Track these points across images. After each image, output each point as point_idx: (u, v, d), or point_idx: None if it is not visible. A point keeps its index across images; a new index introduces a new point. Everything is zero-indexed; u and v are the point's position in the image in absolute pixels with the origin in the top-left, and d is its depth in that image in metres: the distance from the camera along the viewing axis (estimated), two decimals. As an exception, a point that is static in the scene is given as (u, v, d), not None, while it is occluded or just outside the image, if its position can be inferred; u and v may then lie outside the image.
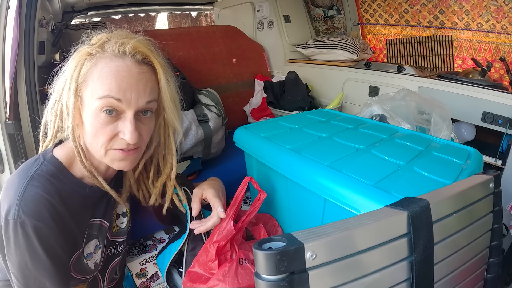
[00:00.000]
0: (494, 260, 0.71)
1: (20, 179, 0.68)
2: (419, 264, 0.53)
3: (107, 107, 0.69)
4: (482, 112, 1.53)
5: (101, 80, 0.69)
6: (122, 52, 0.71)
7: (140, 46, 0.73)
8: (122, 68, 0.70)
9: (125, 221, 0.96)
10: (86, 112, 0.71)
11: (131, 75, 0.70)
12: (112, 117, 0.71)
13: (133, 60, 0.72)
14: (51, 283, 0.67)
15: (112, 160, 0.75)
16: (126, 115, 0.71)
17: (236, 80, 2.39)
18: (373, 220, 0.50)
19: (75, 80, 0.70)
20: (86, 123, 0.72)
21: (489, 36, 2.05)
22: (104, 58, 0.70)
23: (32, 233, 0.64)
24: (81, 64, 0.70)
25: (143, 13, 2.81)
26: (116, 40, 0.72)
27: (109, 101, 0.69)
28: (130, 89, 0.70)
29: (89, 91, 0.70)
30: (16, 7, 1.21)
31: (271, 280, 0.42)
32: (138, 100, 0.71)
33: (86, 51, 0.71)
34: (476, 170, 0.89)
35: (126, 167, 0.77)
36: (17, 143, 1.20)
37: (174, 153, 0.88)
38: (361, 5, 2.63)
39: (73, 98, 0.70)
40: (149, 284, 1.22)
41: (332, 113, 1.38)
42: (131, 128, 0.71)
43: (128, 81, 0.70)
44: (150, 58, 0.75)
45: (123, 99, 0.69)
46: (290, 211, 1.02)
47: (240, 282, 0.80)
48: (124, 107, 0.71)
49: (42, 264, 0.66)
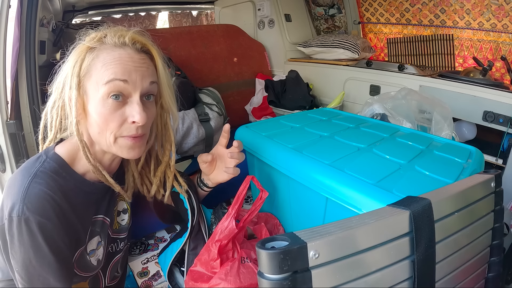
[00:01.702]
0: (495, 259, 0.71)
1: (23, 177, 0.69)
2: (420, 263, 0.53)
3: (114, 92, 0.72)
4: (483, 111, 1.53)
5: (106, 66, 0.72)
6: (123, 42, 0.76)
7: (138, 36, 0.79)
8: (124, 55, 0.74)
9: (125, 218, 0.96)
10: (92, 103, 0.74)
11: (133, 60, 0.75)
12: (119, 102, 0.74)
13: (133, 49, 0.77)
14: (55, 279, 0.68)
15: (121, 148, 0.77)
16: (132, 98, 0.75)
17: (237, 79, 2.39)
18: (375, 219, 0.50)
19: (77, 74, 0.73)
20: (93, 114, 0.74)
21: (490, 35, 2.05)
22: (105, 49, 0.74)
23: (36, 230, 0.65)
24: (82, 59, 0.73)
25: (143, 12, 2.81)
26: (115, 33, 0.76)
27: (116, 84, 0.72)
28: (135, 71, 0.75)
29: (94, 81, 0.73)
30: (17, 7, 1.21)
31: (275, 279, 0.42)
32: (143, 81, 0.76)
33: (85, 46, 0.74)
34: (477, 169, 0.89)
35: (135, 155, 0.80)
36: (18, 142, 1.20)
37: (173, 139, 0.92)
38: (362, 4, 2.63)
39: (75, 92, 0.73)
40: (150, 283, 1.22)
41: (333, 112, 1.39)
42: (139, 109, 0.74)
43: (132, 65, 0.75)
44: (148, 47, 0.80)
45: (129, 80, 0.73)
46: (291, 210, 1.02)
47: (242, 281, 0.80)
48: (131, 89, 0.74)
49: (47, 260, 0.66)
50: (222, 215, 1.02)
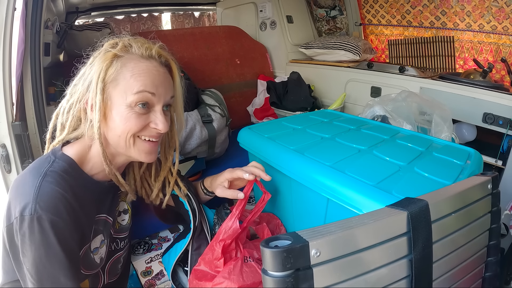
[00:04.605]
0: (492, 259, 0.73)
1: (34, 177, 0.70)
2: (418, 262, 0.55)
3: (142, 101, 0.78)
4: (483, 113, 1.54)
5: (135, 77, 0.77)
6: (149, 55, 0.82)
7: (163, 51, 0.85)
8: (152, 68, 0.80)
9: (126, 218, 0.99)
10: (116, 108, 0.78)
11: (159, 73, 0.82)
12: (145, 110, 0.80)
13: (158, 62, 0.83)
14: (65, 278, 0.69)
15: (139, 151, 0.82)
16: (156, 108, 0.82)
17: (239, 80, 2.40)
18: (374, 220, 0.52)
19: (102, 80, 0.76)
20: (115, 118, 0.78)
21: (490, 37, 2.06)
22: (132, 60, 0.79)
23: (48, 228, 0.66)
24: (107, 66, 0.77)
25: (146, 13, 2.83)
26: (141, 44, 0.82)
27: (145, 95, 0.78)
28: (161, 85, 0.81)
29: (121, 89, 0.77)
30: (22, 9, 1.21)
31: (278, 276, 0.44)
32: (166, 94, 0.83)
33: (112, 53, 0.78)
34: (476, 171, 0.90)
35: (152, 159, 0.86)
36: (23, 143, 1.22)
37: (177, 145, 0.97)
38: (363, 6, 2.64)
39: (100, 97, 0.76)
40: (154, 282, 1.24)
41: (334, 114, 1.40)
42: (163, 118, 0.82)
43: (159, 78, 0.81)
44: (169, 62, 0.87)
45: (156, 93, 0.80)
46: (293, 210, 1.04)
47: (245, 279, 0.82)
48: (156, 101, 0.81)
49: (57, 258, 0.68)
50: (225, 216, 1.04)
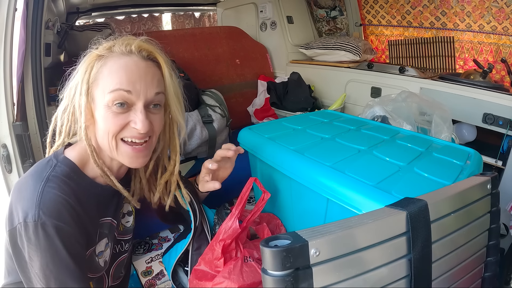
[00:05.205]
0: (492, 259, 0.73)
1: (35, 182, 0.69)
2: (417, 262, 0.55)
3: (118, 100, 0.74)
4: (483, 113, 1.54)
5: (111, 75, 0.74)
6: (129, 50, 0.77)
7: (145, 44, 0.79)
8: (130, 63, 0.75)
9: (130, 220, 0.98)
10: (98, 109, 0.75)
11: (139, 68, 0.76)
12: (124, 109, 0.75)
13: (139, 56, 0.77)
14: (73, 282, 0.68)
15: (122, 155, 0.78)
16: (136, 106, 0.76)
17: (240, 81, 2.40)
18: (374, 219, 0.52)
19: (86, 81, 0.74)
20: (98, 120, 0.76)
21: (490, 37, 2.06)
22: (112, 57, 0.76)
23: (53, 234, 0.65)
24: (91, 66, 0.75)
25: (146, 13, 2.83)
26: (122, 41, 0.78)
27: (120, 94, 0.73)
28: (139, 81, 0.75)
29: (100, 88, 0.74)
30: (23, 9, 1.22)
31: (278, 275, 0.44)
32: (147, 91, 0.76)
33: (95, 53, 0.76)
34: (476, 171, 0.90)
35: (138, 164, 0.81)
36: (24, 143, 1.22)
37: (178, 149, 0.93)
38: (363, 6, 2.64)
39: (84, 98, 0.74)
40: (154, 282, 1.24)
41: (334, 114, 1.40)
42: (142, 117, 0.75)
43: (137, 73, 0.75)
44: (154, 54, 0.81)
45: (133, 90, 0.74)
46: (293, 210, 1.04)
47: (245, 279, 0.82)
48: (134, 99, 0.75)
49: (64, 263, 0.67)
50: (225, 216, 1.03)
